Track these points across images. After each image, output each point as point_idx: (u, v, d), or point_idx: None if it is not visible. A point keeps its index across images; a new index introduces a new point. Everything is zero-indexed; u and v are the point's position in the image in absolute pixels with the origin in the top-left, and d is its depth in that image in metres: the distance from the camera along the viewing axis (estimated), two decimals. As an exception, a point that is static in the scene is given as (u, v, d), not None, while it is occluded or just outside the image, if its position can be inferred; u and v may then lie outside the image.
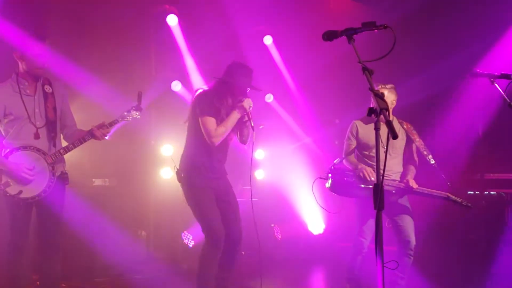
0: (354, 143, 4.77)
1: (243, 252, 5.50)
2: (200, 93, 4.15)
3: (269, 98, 7.53)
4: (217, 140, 3.98)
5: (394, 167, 4.68)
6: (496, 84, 3.87)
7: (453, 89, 6.67)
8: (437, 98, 6.87)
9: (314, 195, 4.77)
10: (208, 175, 4.08)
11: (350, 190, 4.58)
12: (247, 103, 3.98)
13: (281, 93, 7.59)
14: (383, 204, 2.47)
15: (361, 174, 4.50)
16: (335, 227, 7.22)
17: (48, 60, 3.98)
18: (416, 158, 4.81)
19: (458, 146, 7.19)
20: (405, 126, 4.79)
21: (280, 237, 6.93)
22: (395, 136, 2.33)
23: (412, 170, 4.73)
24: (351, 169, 4.65)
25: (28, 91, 3.97)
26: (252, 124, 4.01)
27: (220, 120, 4.01)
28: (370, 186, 4.41)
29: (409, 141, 4.77)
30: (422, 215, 5.90)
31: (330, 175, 4.61)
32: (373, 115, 2.47)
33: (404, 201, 4.68)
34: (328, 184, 4.63)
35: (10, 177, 3.80)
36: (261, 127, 6.69)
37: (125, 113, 4.21)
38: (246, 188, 6.47)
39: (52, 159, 3.93)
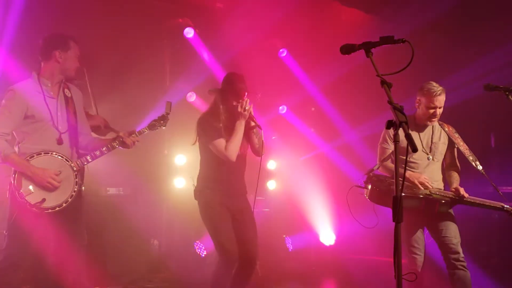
0: (391, 148, 4.29)
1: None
2: (199, 118, 4.13)
3: (283, 109, 7.59)
4: (232, 157, 3.94)
5: (435, 174, 4.31)
6: (511, 98, 3.89)
7: (467, 102, 6.67)
8: (450, 110, 6.87)
9: (349, 207, 4.18)
10: (224, 191, 4.02)
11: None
12: (243, 105, 3.91)
13: (295, 104, 7.63)
14: (401, 216, 2.43)
15: (417, 183, 4.09)
16: (347, 239, 7.22)
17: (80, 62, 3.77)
18: (458, 163, 4.40)
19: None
20: (446, 129, 4.37)
21: (291, 248, 6.93)
22: (414, 149, 2.34)
23: (457, 177, 4.30)
24: (390, 176, 4.21)
25: (51, 93, 3.69)
26: (257, 123, 4.00)
27: (228, 134, 3.96)
28: (421, 196, 4.09)
29: (450, 144, 4.36)
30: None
31: (369, 184, 4.14)
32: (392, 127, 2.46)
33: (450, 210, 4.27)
34: (367, 194, 4.16)
35: (34, 183, 3.48)
36: (273, 138, 6.73)
37: (154, 122, 3.99)
38: (257, 198, 6.50)
39: (79, 166, 3.67)
